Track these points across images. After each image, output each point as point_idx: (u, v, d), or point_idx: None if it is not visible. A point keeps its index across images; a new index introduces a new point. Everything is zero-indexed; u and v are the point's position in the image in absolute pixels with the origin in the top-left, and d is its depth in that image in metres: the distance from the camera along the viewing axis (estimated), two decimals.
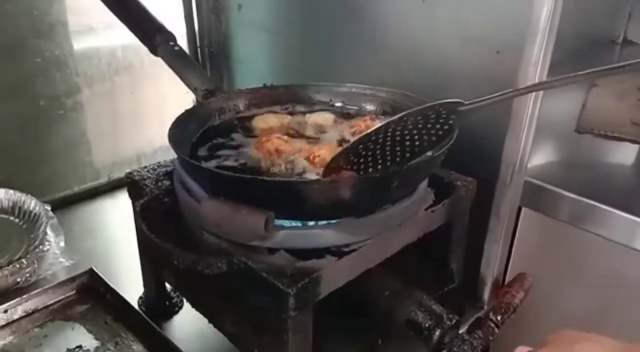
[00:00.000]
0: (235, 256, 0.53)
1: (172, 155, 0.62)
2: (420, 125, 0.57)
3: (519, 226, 0.81)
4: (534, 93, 0.67)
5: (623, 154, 0.94)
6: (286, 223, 0.55)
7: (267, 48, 1.00)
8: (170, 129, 0.61)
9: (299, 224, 0.55)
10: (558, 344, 0.49)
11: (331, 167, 0.56)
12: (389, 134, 0.56)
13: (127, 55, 1.04)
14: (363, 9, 0.81)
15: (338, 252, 0.54)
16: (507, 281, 0.81)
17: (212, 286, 0.61)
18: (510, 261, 0.82)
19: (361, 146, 0.56)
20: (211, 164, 0.62)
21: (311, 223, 0.55)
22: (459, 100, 0.56)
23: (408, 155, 0.58)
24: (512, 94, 0.56)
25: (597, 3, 1.37)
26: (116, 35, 0.97)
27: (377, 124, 0.70)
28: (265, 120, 0.71)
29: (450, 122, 0.57)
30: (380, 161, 0.58)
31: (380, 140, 0.56)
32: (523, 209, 0.81)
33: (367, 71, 0.83)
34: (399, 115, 0.56)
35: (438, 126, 0.57)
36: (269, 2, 0.96)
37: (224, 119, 0.72)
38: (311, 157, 0.61)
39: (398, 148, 0.57)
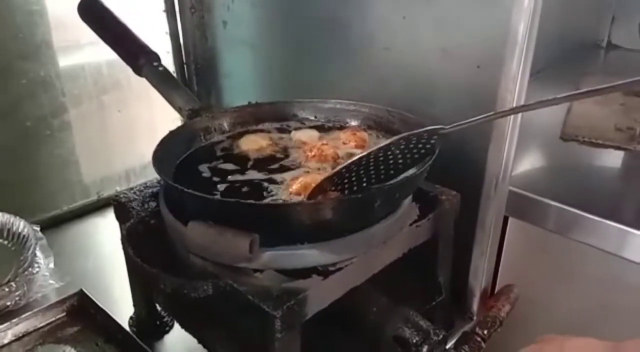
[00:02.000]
0: (221, 278, 0.53)
1: None
2: (402, 146, 0.58)
3: (506, 236, 0.82)
4: (514, 104, 0.67)
5: (608, 159, 0.95)
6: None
7: (253, 64, 1.01)
8: (155, 152, 0.61)
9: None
10: (548, 342, 0.50)
11: (315, 193, 0.57)
12: (372, 157, 0.57)
13: (114, 72, 1.04)
14: (347, 25, 0.81)
15: (324, 271, 0.54)
16: (496, 291, 0.81)
17: (200, 308, 0.61)
18: (499, 271, 0.83)
19: (344, 170, 0.56)
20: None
21: None
22: (440, 126, 0.57)
23: (392, 172, 0.59)
24: (494, 116, 0.57)
25: (581, 8, 1.39)
26: (102, 51, 0.96)
27: (360, 135, 0.71)
28: (252, 142, 0.71)
29: (432, 142, 0.58)
30: (364, 181, 0.58)
31: (364, 163, 0.56)
32: (510, 219, 0.82)
33: (351, 86, 0.83)
34: (383, 144, 0.56)
35: (420, 146, 0.58)
36: (253, 20, 0.97)
37: (209, 139, 0.73)
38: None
39: (382, 167, 0.58)
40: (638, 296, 0.76)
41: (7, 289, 0.77)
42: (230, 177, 0.64)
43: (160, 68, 0.75)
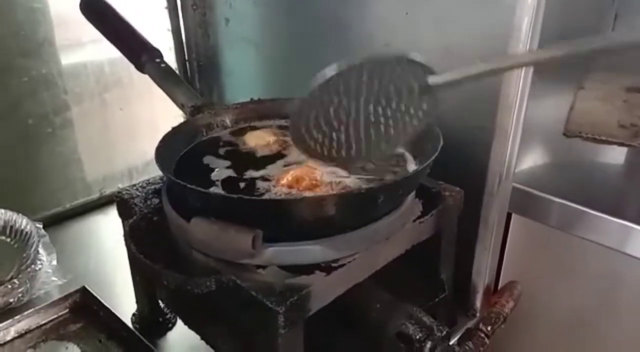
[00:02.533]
0: (224, 274, 0.53)
1: None
2: (393, 104, 0.54)
3: (509, 232, 0.82)
4: (517, 100, 0.67)
5: (611, 156, 0.95)
6: None
7: (255, 61, 1.01)
8: (157, 148, 0.61)
9: None
10: None
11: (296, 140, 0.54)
12: (353, 108, 0.53)
13: (116, 70, 1.04)
14: (347, 22, 0.81)
15: (327, 267, 0.54)
16: (499, 287, 0.81)
17: (203, 305, 0.61)
18: (502, 268, 0.83)
19: (322, 120, 0.53)
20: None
21: None
22: (429, 66, 0.53)
23: (384, 144, 0.55)
24: (491, 66, 0.52)
25: (582, 6, 1.38)
26: (104, 49, 0.97)
27: None
28: (258, 137, 0.71)
29: (425, 107, 0.55)
30: (353, 144, 0.55)
31: (345, 115, 0.53)
32: (513, 216, 0.81)
33: None
34: (357, 62, 0.52)
35: (412, 110, 0.55)
36: (255, 17, 0.97)
37: (211, 134, 0.73)
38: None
39: (372, 131, 0.55)
40: None
41: (9, 286, 0.77)
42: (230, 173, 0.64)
43: (163, 65, 0.75)
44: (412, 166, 0.65)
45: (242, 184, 0.62)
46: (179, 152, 0.68)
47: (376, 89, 0.54)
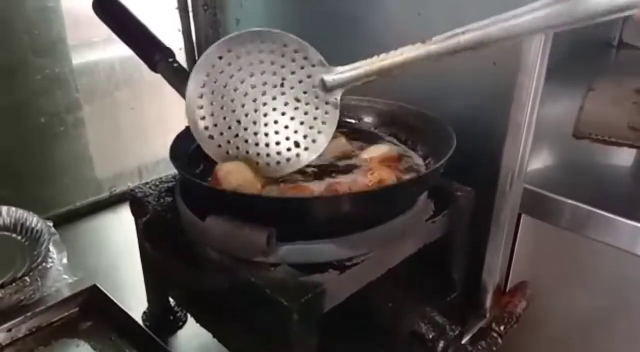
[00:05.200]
0: (238, 273, 0.53)
1: (174, 168, 0.62)
2: (296, 106, 0.57)
3: (519, 233, 0.82)
4: (531, 99, 0.67)
5: (621, 158, 0.94)
6: None
7: None
8: (172, 147, 0.62)
9: None
10: None
11: None
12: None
13: (127, 69, 1.05)
14: (359, 21, 0.81)
15: (341, 266, 0.55)
16: (508, 288, 0.81)
17: (216, 302, 0.61)
18: (512, 269, 0.83)
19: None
20: None
21: None
22: (323, 61, 0.58)
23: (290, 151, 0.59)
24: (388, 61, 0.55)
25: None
26: (116, 48, 0.97)
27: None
28: None
29: (327, 114, 0.58)
30: (258, 151, 0.58)
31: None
32: (523, 216, 0.81)
33: None
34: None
35: (315, 115, 0.58)
36: (266, 17, 0.97)
37: None
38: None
39: (277, 135, 0.58)
40: None
41: (21, 284, 0.78)
42: None
43: (176, 64, 0.75)
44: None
45: None
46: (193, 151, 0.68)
47: (277, 77, 0.57)
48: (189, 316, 0.76)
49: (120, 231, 1.00)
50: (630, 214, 0.74)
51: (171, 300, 0.76)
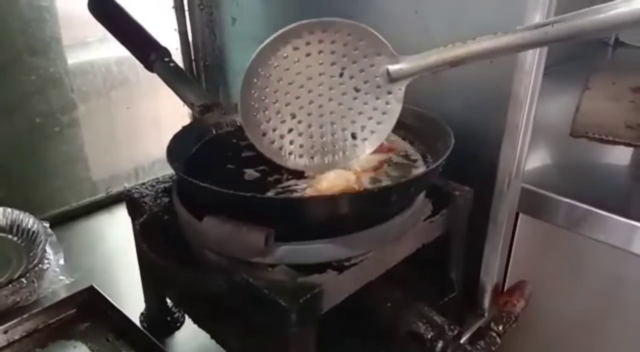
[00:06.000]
0: (236, 273, 0.53)
1: (170, 168, 0.62)
2: (355, 97, 0.54)
3: (516, 231, 0.82)
4: (529, 97, 0.66)
5: (618, 156, 0.95)
6: None
7: None
8: (169, 147, 0.61)
9: None
10: None
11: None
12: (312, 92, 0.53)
13: (123, 69, 1.04)
14: (357, 19, 0.81)
15: (339, 266, 0.54)
16: (506, 287, 0.81)
17: (214, 303, 0.61)
18: (509, 267, 0.83)
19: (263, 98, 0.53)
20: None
21: None
22: (390, 49, 0.54)
23: (347, 142, 0.56)
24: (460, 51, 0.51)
25: (588, 5, 1.38)
26: (111, 48, 0.97)
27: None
28: None
29: (388, 105, 0.55)
30: (312, 145, 0.55)
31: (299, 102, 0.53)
32: (520, 215, 0.81)
33: None
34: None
35: (375, 106, 0.55)
36: (262, 16, 0.97)
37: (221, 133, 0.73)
38: None
39: (334, 127, 0.55)
40: None
41: (17, 285, 0.77)
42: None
43: (172, 64, 0.75)
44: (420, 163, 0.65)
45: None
46: (189, 151, 0.68)
47: (336, 67, 0.53)
48: (186, 316, 0.76)
49: (116, 230, 1.00)
50: (626, 212, 0.74)
51: (168, 300, 0.76)
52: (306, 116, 0.55)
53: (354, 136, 0.57)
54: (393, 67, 0.54)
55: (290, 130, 0.56)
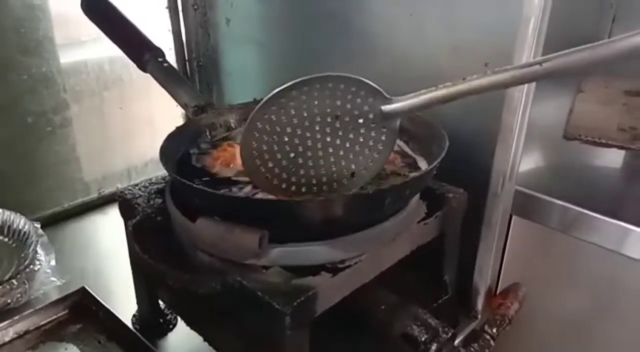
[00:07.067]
0: (229, 275, 0.53)
1: (163, 169, 0.62)
2: (351, 134, 0.56)
3: (509, 234, 0.82)
4: (523, 100, 0.67)
5: (610, 159, 0.95)
6: None
7: (257, 61, 1.00)
8: (162, 148, 0.61)
9: None
10: None
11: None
12: (310, 134, 0.55)
13: (116, 69, 1.04)
14: (351, 21, 0.81)
15: (333, 268, 0.54)
16: (499, 289, 0.81)
17: (207, 305, 0.60)
18: (502, 269, 0.83)
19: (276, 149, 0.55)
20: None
21: None
22: (383, 93, 0.56)
23: (346, 175, 0.58)
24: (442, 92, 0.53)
25: (581, 6, 1.39)
26: (104, 48, 0.96)
27: None
28: None
29: (384, 137, 0.57)
30: (313, 176, 0.57)
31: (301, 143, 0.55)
32: (513, 217, 0.82)
33: None
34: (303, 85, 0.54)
35: (371, 140, 0.57)
36: (256, 17, 0.97)
37: (215, 136, 0.72)
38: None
39: (333, 162, 0.57)
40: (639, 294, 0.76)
41: (8, 287, 0.76)
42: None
43: (165, 64, 0.75)
44: (424, 165, 0.65)
45: None
46: (182, 151, 0.67)
47: (331, 113, 0.55)
48: (178, 318, 0.76)
49: (108, 231, 1.00)
50: (619, 214, 0.75)
51: (160, 302, 0.75)
52: (305, 156, 0.57)
53: (353, 175, 0.59)
54: (386, 108, 0.56)
55: (291, 169, 0.57)
